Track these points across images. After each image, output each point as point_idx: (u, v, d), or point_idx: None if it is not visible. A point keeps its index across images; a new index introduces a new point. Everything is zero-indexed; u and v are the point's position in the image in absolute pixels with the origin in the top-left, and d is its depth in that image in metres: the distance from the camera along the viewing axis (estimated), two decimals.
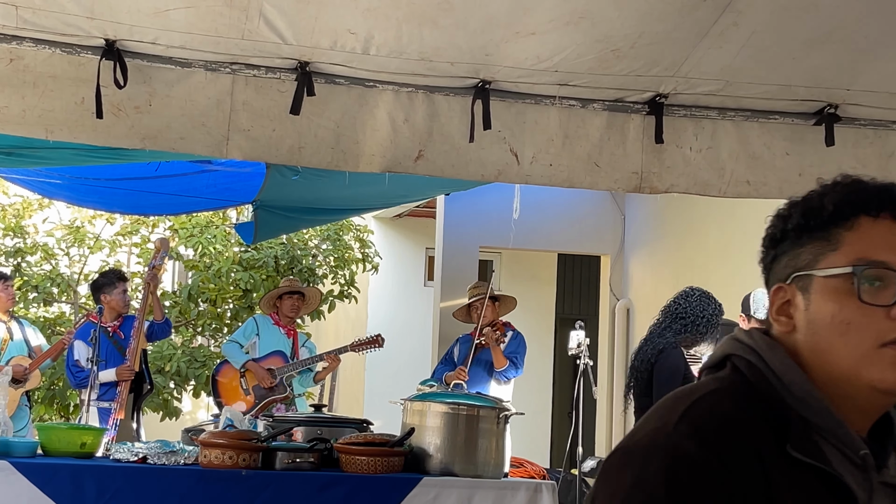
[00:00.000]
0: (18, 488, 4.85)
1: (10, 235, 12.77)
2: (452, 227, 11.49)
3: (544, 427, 14.67)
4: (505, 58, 4.82)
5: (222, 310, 13.10)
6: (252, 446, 5.15)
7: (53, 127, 4.84)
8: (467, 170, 5.25)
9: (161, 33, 4.66)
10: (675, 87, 5.08)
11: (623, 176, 5.31)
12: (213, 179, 8.66)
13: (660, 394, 6.86)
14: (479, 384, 8.57)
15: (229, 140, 4.97)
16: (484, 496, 5.25)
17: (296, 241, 13.13)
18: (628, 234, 11.77)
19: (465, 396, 5.68)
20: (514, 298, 9.42)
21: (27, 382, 8.97)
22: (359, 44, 4.72)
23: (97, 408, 8.38)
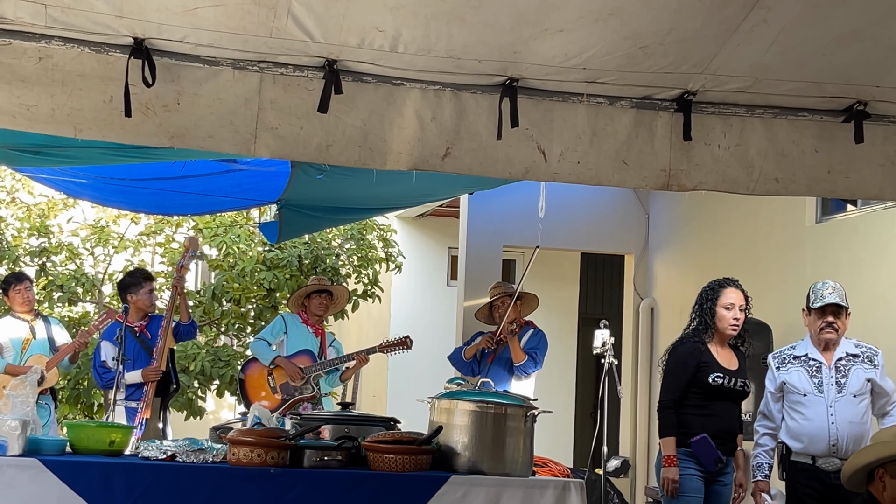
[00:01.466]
0: (48, 486, 4.86)
1: (36, 235, 12.81)
2: (476, 227, 11.47)
3: (567, 427, 14.64)
4: (533, 55, 4.82)
5: (246, 309, 13.11)
6: (280, 444, 5.15)
7: (82, 126, 4.85)
8: (495, 167, 5.24)
9: (189, 32, 4.67)
10: (704, 85, 5.06)
11: (651, 173, 5.30)
12: (237, 179, 8.68)
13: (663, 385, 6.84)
14: (500, 383, 8.56)
15: (257, 138, 4.97)
16: (512, 494, 5.24)
17: (319, 240, 13.13)
18: (652, 233, 11.74)
19: (493, 395, 5.67)
20: (536, 297, 9.41)
21: (45, 381, 8.98)
22: (387, 41, 4.71)
23: (124, 407, 8.40)
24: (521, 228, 11.00)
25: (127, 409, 8.44)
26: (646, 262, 11.78)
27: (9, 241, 12.57)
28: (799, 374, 6.50)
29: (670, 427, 6.62)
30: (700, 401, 6.63)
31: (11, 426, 4.96)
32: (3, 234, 12.59)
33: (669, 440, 6.58)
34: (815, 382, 6.43)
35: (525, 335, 9.09)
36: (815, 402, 6.40)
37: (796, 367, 6.53)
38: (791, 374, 6.53)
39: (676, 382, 6.69)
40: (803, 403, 6.43)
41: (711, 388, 6.60)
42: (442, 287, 15.21)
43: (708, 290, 6.86)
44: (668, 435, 6.61)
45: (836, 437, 6.30)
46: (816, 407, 6.38)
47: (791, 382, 6.50)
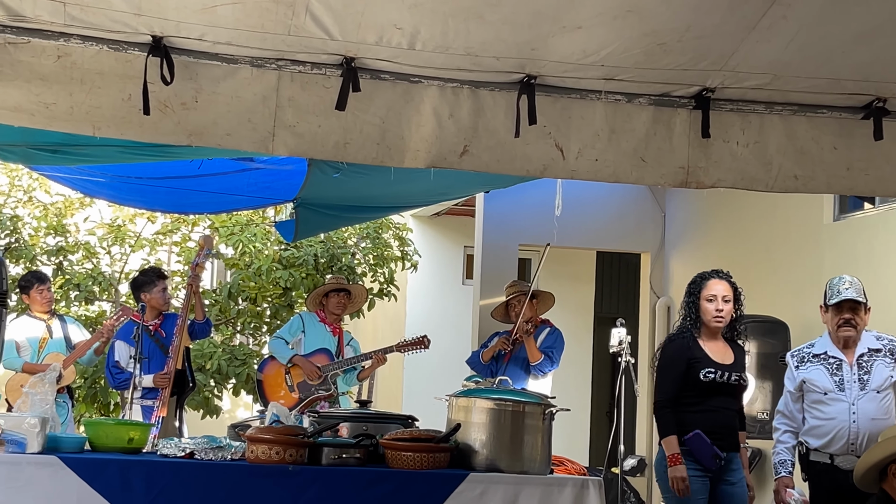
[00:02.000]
0: (67, 483, 4.86)
1: (53, 234, 12.84)
2: (492, 225, 11.47)
3: (583, 426, 14.63)
4: (551, 52, 4.81)
5: (262, 308, 13.12)
6: (298, 442, 5.14)
7: (101, 123, 4.87)
8: (512, 165, 5.24)
9: (208, 29, 4.68)
10: (723, 82, 5.06)
11: (669, 171, 5.29)
12: (254, 178, 8.69)
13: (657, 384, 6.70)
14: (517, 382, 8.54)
15: (275, 136, 4.98)
16: (530, 492, 5.22)
17: (335, 239, 13.14)
18: (669, 231, 11.72)
19: (511, 392, 5.66)
20: (552, 295, 9.40)
21: (62, 379, 9.00)
22: (405, 39, 4.71)
23: (140, 406, 8.42)
24: (537, 227, 11.00)
25: (143, 407, 8.46)
26: (662, 261, 11.76)
27: (26, 240, 12.60)
28: (819, 372, 6.38)
29: (669, 426, 6.47)
30: (695, 397, 6.46)
31: (31, 424, 4.97)
32: (20, 233, 12.62)
33: (670, 439, 6.43)
34: (836, 380, 6.31)
35: (541, 334, 9.08)
36: (836, 401, 6.28)
37: (816, 366, 6.40)
38: (811, 372, 6.40)
39: (670, 380, 6.54)
40: (824, 402, 6.32)
41: (704, 384, 6.43)
42: (457, 286, 15.20)
43: (692, 283, 6.69)
44: (667, 434, 6.47)
45: (855, 435, 6.19)
46: (837, 405, 6.26)
47: (811, 381, 6.38)
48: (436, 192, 9.27)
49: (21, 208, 12.96)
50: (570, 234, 11.11)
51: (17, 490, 4.82)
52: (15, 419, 5.01)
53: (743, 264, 9.89)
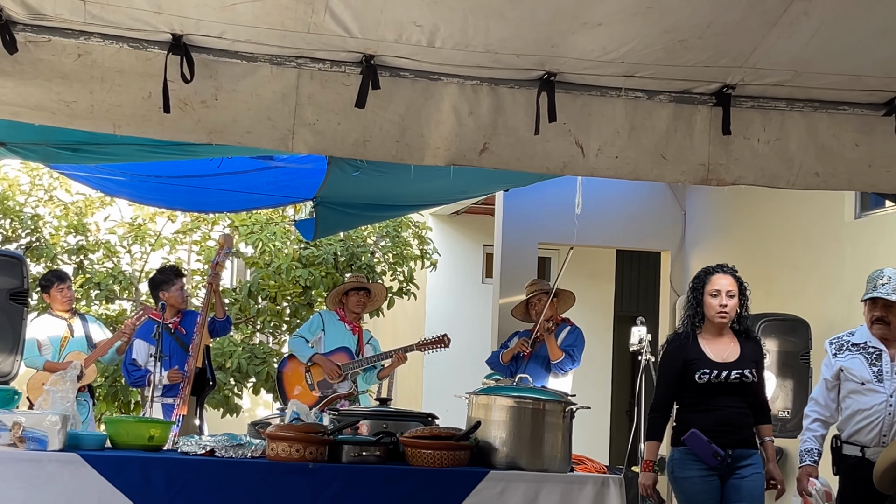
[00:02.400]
0: (88, 481, 4.87)
1: (73, 233, 12.88)
2: (511, 224, 11.46)
3: (603, 424, 14.60)
4: (571, 49, 4.80)
5: (282, 307, 13.14)
6: (319, 439, 5.14)
7: (121, 122, 4.88)
8: (532, 162, 5.23)
9: (227, 27, 4.69)
10: (743, 78, 5.04)
11: (690, 168, 5.28)
12: (274, 176, 8.71)
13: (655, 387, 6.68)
14: (538, 380, 8.53)
15: (295, 134, 4.98)
16: (551, 490, 5.21)
17: (355, 237, 13.15)
18: (689, 229, 11.69)
19: (531, 390, 5.65)
20: (573, 294, 9.39)
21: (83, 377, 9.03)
22: (424, 36, 4.71)
23: (161, 404, 8.44)
24: (557, 225, 10.99)
25: (164, 405, 8.48)
26: (682, 259, 11.73)
27: (47, 240, 12.65)
28: (857, 361, 6.26)
29: (652, 431, 6.45)
30: (695, 398, 6.37)
31: (52, 421, 4.99)
32: (41, 232, 12.67)
33: (649, 444, 6.44)
34: (875, 371, 6.20)
35: (562, 332, 9.08)
36: (873, 391, 6.17)
37: (854, 355, 6.28)
38: (849, 360, 6.28)
39: (665, 384, 6.49)
40: (860, 392, 6.21)
41: (700, 386, 6.32)
42: (477, 284, 15.20)
43: (696, 279, 6.59)
44: (649, 439, 6.46)
45: (889, 427, 6.10)
46: (874, 396, 6.16)
47: (849, 370, 6.26)
48: (455, 190, 9.26)
49: (42, 207, 13.01)
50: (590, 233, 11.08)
51: (39, 487, 4.84)
52: (36, 417, 5.03)
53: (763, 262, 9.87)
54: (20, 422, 4.98)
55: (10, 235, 12.49)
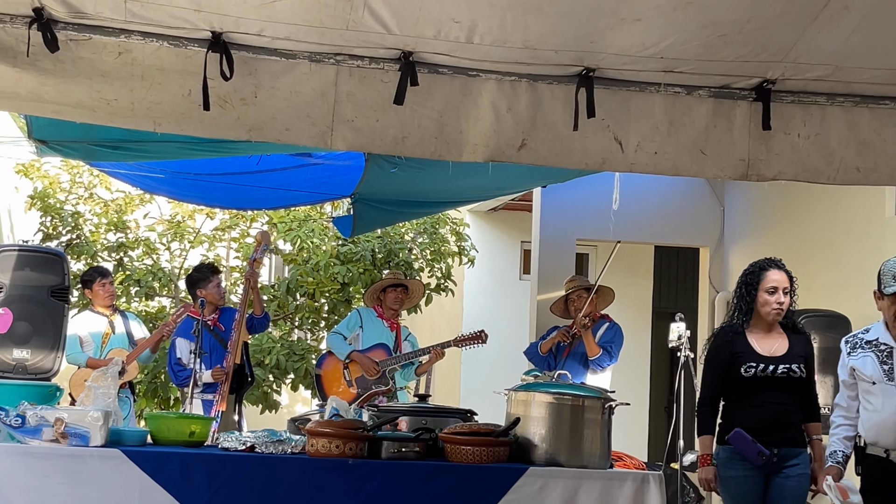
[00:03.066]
0: (130, 476, 4.90)
1: (113, 230, 12.96)
2: (549, 220, 11.42)
3: (641, 421, 14.56)
4: (610, 45, 4.79)
5: (320, 303, 13.18)
6: (358, 435, 5.15)
7: (161, 119, 4.91)
8: (571, 158, 5.23)
9: (266, 25, 4.70)
10: (784, 73, 5.01)
11: (729, 163, 5.26)
12: (312, 173, 8.73)
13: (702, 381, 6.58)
14: (576, 377, 8.51)
15: (334, 131, 5.00)
16: (590, 487, 5.20)
17: (392, 234, 13.16)
18: (728, 225, 11.62)
19: (570, 386, 5.64)
20: (612, 290, 9.36)
21: (125, 374, 9.09)
22: (462, 33, 4.71)
23: (201, 400, 8.48)
24: (595, 222, 10.96)
25: (203, 401, 8.52)
26: (721, 255, 11.66)
27: (87, 237, 12.73)
28: (869, 360, 5.98)
29: (704, 425, 6.34)
30: (741, 393, 6.25)
31: (94, 417, 5.02)
32: (81, 230, 12.75)
33: (703, 439, 6.33)
34: (886, 369, 5.91)
35: (600, 329, 9.05)
36: (885, 391, 5.89)
37: (866, 353, 6.01)
38: (860, 359, 6.02)
39: (712, 378, 6.39)
40: (872, 392, 5.95)
41: (746, 380, 6.19)
42: (514, 281, 15.18)
43: (749, 274, 6.38)
44: (702, 434, 6.35)
45: None
46: (887, 396, 5.88)
47: (860, 369, 6.00)
48: (493, 186, 9.26)
49: (82, 205, 13.09)
50: (628, 229, 11.04)
51: (81, 482, 4.88)
52: (78, 413, 5.07)
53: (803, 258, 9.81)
54: (62, 418, 5.02)
55: (50, 233, 12.58)
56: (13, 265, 9.03)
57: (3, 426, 4.97)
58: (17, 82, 4.75)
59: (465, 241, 13.86)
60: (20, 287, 9.00)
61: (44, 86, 4.78)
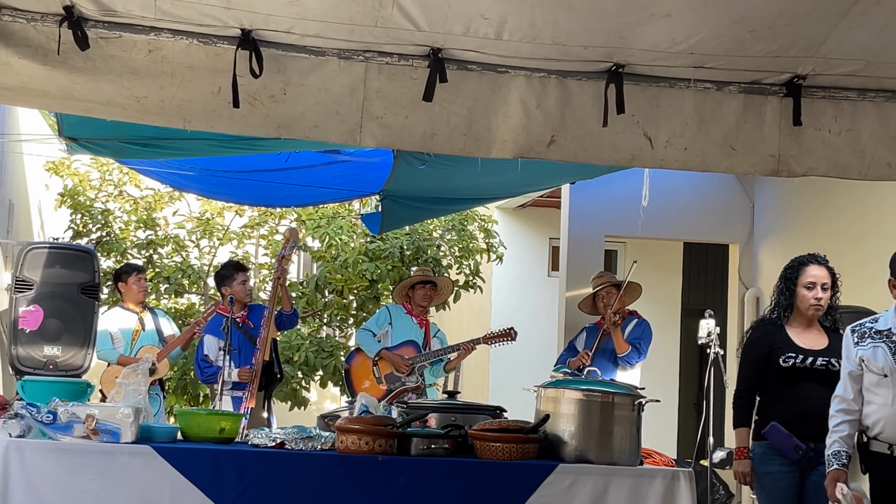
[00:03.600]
0: (161, 472, 4.92)
1: (143, 228, 13.00)
2: (578, 217, 11.40)
3: (670, 418, 14.52)
4: (639, 41, 4.78)
5: (348, 300, 13.19)
6: (388, 432, 5.16)
7: (191, 117, 4.93)
8: (600, 155, 5.22)
9: (296, 22, 4.71)
10: (814, 69, 4.99)
11: (760, 159, 5.24)
12: (340, 170, 8.74)
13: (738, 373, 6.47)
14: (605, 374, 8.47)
15: (363, 128, 5.01)
16: (620, 484, 5.19)
17: (420, 231, 13.17)
18: (757, 221, 11.57)
19: (600, 383, 5.63)
20: (640, 285, 9.33)
21: (156, 371, 9.13)
22: (492, 29, 4.71)
23: (230, 397, 8.50)
24: (624, 218, 10.92)
25: (233, 398, 8.54)
26: (751, 251, 11.61)
27: (117, 234, 12.78)
28: (880, 350, 5.62)
29: (741, 418, 6.28)
30: (777, 386, 6.16)
31: (124, 414, 5.04)
32: (111, 227, 12.81)
33: (740, 431, 6.25)
34: None
35: (629, 325, 9.01)
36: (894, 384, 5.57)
37: (877, 343, 5.65)
38: (870, 350, 5.65)
39: (749, 369, 6.32)
40: (881, 384, 5.61)
41: (784, 371, 6.10)
42: (543, 278, 15.16)
43: (789, 268, 6.32)
44: (738, 426, 6.27)
45: None
46: None
47: (869, 360, 5.61)
48: (522, 183, 9.25)
49: (112, 202, 13.15)
50: (657, 225, 11.02)
51: (112, 479, 4.90)
52: (109, 409, 5.09)
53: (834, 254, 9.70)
54: (94, 414, 5.04)
55: (80, 230, 12.64)
56: (44, 263, 9.10)
57: (34, 423, 5.00)
58: (47, 80, 4.78)
59: (494, 238, 13.85)
60: (51, 284, 9.07)
61: (74, 84, 4.80)
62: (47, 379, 7.96)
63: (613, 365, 8.87)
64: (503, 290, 15.11)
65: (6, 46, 4.71)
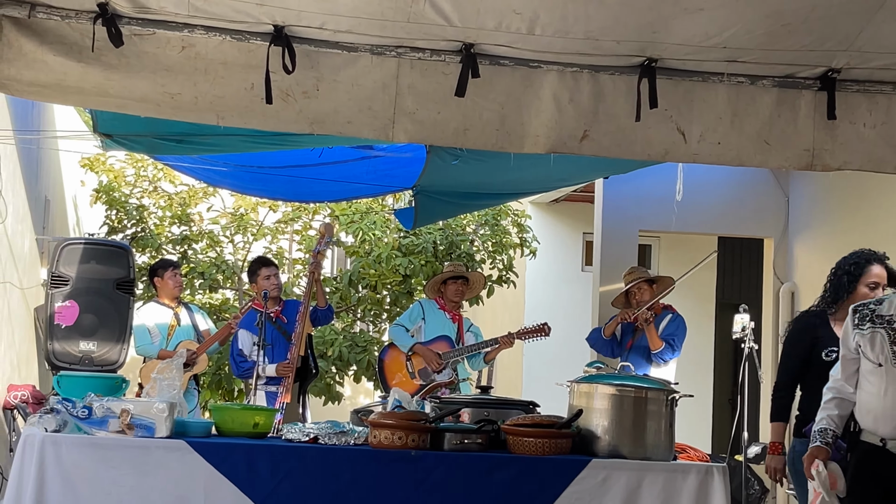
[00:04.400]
0: (195, 467, 4.94)
1: (177, 223, 13.06)
2: (611, 211, 11.37)
3: (705, 413, 14.48)
4: (672, 35, 4.77)
5: (382, 295, 13.21)
6: (421, 427, 5.16)
7: (224, 113, 4.95)
8: (633, 149, 5.21)
9: (328, 18, 4.72)
10: (849, 62, 4.97)
11: (794, 153, 5.22)
12: (373, 166, 8.75)
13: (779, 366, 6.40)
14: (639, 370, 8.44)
15: (395, 123, 5.02)
16: (654, 479, 5.17)
17: (454, 226, 13.16)
18: (792, 215, 11.51)
19: (633, 378, 5.61)
20: (672, 279, 9.28)
21: (195, 366, 9.17)
22: (524, 24, 4.71)
23: (265, 392, 8.52)
24: (658, 212, 10.89)
25: (267, 393, 8.56)
26: (786, 246, 11.56)
27: (151, 230, 12.84)
28: (878, 337, 5.23)
29: (779, 411, 6.19)
30: (819, 381, 5.68)
31: (159, 409, 5.07)
32: (146, 223, 12.86)
33: (776, 426, 6.16)
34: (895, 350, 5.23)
35: (663, 320, 8.95)
36: (890, 374, 5.17)
37: (876, 329, 5.26)
38: (868, 335, 5.27)
39: (791, 363, 6.23)
40: (875, 373, 5.23)
41: (827, 366, 5.75)
42: (576, 272, 15.13)
43: (851, 264, 6.10)
44: (775, 420, 6.18)
45: None
46: (891, 380, 5.21)
47: (865, 346, 5.27)
48: (555, 178, 9.23)
49: (147, 198, 13.20)
50: (691, 220, 10.98)
51: (147, 473, 4.92)
52: (144, 404, 5.11)
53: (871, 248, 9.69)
54: (128, 409, 5.07)
55: (116, 226, 12.70)
56: (79, 258, 9.17)
57: (70, 418, 5.03)
58: (82, 77, 4.82)
59: (527, 233, 13.83)
60: (86, 280, 9.14)
61: (108, 80, 4.84)
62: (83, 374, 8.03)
63: (647, 361, 8.83)
64: (537, 285, 15.09)
65: (41, 44, 4.75)
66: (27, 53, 4.75)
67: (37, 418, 5.08)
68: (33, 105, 10.04)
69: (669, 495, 5.18)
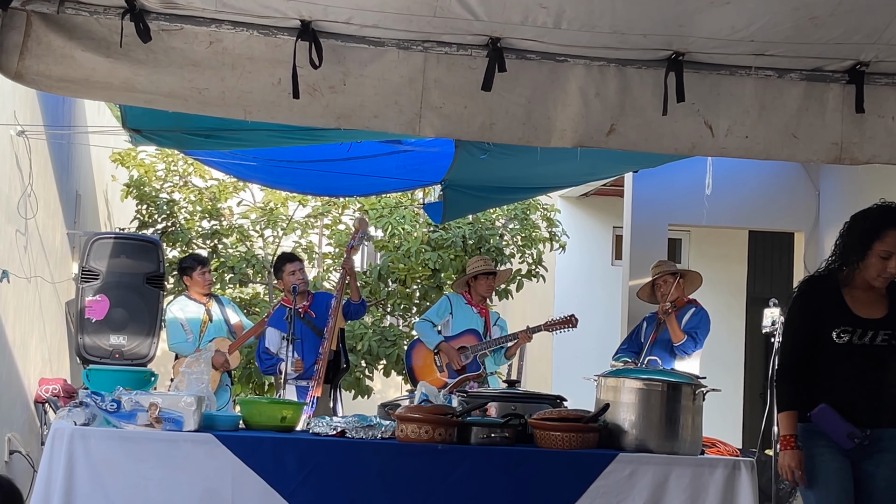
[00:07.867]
0: (222, 460, 4.96)
1: (208, 218, 13.11)
2: (641, 205, 11.36)
3: (736, 408, 14.42)
4: (699, 28, 4.75)
5: (411, 290, 13.21)
6: (448, 421, 5.17)
7: (251, 108, 4.97)
8: (660, 143, 5.20)
9: (355, 13, 4.73)
10: (877, 55, 4.94)
11: (822, 147, 5.19)
12: (402, 160, 8.77)
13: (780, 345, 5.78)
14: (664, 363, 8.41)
15: (422, 118, 5.02)
16: (681, 473, 5.16)
17: (483, 220, 13.16)
18: (823, 209, 11.46)
19: (660, 373, 5.61)
20: (699, 274, 9.26)
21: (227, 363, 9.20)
22: (550, 18, 4.70)
23: (295, 386, 8.56)
24: (687, 206, 10.87)
25: (298, 387, 8.60)
26: (816, 239, 11.51)
27: (182, 224, 12.89)
28: None
29: (784, 399, 5.20)
30: (829, 361, 5.13)
31: (187, 402, 5.08)
32: (176, 217, 12.92)
33: (784, 416, 5.17)
34: None
35: (686, 314, 8.93)
36: None
37: None
38: None
39: (794, 339, 5.25)
40: None
41: (838, 347, 5.09)
42: (606, 266, 15.10)
43: (865, 228, 5.19)
44: (783, 409, 5.18)
45: None
46: None
47: None
48: (583, 172, 9.22)
49: (177, 193, 13.26)
50: (721, 214, 10.96)
51: (175, 467, 4.95)
52: (172, 398, 5.14)
53: None
54: (157, 403, 5.09)
55: (146, 221, 12.76)
56: (110, 253, 9.23)
57: (99, 411, 5.06)
58: (110, 73, 4.84)
59: (556, 227, 13.81)
60: (116, 274, 9.20)
61: (136, 76, 4.86)
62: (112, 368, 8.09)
63: (671, 355, 8.81)
64: (566, 280, 15.07)
65: (70, 39, 4.77)
66: (56, 49, 4.78)
67: (66, 412, 5.12)
68: (64, 100, 10.10)
69: (696, 490, 5.17)
